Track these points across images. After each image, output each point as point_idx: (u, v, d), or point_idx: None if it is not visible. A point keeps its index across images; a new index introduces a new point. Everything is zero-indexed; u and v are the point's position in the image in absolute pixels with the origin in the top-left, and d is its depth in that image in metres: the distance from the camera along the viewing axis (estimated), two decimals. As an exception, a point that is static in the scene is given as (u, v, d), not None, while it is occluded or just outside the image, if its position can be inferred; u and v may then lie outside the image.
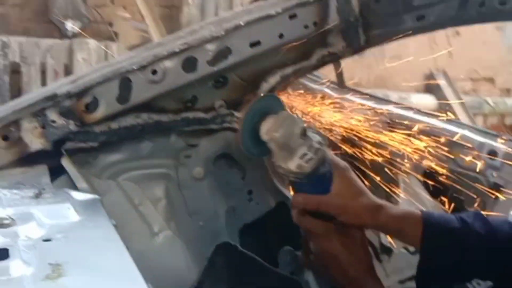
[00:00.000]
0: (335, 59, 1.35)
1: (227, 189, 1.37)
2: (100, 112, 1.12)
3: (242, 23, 1.18)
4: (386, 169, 1.91)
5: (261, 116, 1.09)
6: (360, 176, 1.23)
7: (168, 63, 1.15)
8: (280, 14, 1.20)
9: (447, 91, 5.41)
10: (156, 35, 3.98)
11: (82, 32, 4.01)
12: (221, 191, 1.35)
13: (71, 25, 3.98)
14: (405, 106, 2.37)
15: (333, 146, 1.91)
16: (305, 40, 1.25)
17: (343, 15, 1.25)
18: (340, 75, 2.54)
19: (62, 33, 4.02)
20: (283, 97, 1.34)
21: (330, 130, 2.00)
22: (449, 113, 1.90)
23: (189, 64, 1.16)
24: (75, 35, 4.00)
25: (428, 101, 5.30)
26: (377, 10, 1.28)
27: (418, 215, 1.10)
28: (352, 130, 1.98)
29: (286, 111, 1.08)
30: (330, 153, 1.14)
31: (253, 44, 1.20)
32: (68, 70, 3.74)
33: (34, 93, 1.14)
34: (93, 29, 4.25)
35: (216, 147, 1.32)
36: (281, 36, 1.21)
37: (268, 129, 1.06)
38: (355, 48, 1.33)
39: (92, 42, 3.85)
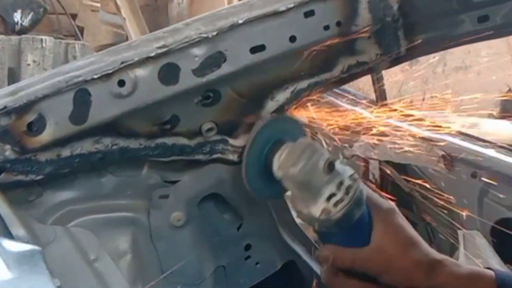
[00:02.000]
0: (366, 71, 1.37)
1: (217, 243, 1.39)
2: (47, 134, 1.15)
3: (240, 21, 1.20)
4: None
5: (273, 145, 1.12)
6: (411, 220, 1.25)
7: (140, 72, 1.18)
8: (292, 11, 1.22)
9: (532, 117, 5.40)
10: (134, 33, 4.03)
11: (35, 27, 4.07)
12: (208, 244, 1.38)
13: (20, 17, 4.06)
14: (473, 137, 2.39)
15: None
16: (326, 45, 1.28)
17: (376, 13, 1.28)
18: (380, 92, 2.58)
19: (8, 27, 4.10)
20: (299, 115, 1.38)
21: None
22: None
23: (169, 74, 1.19)
24: (25, 30, 4.07)
25: (506, 130, 5.28)
26: (423, 7, 1.31)
27: (491, 276, 1.11)
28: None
29: (306, 138, 1.11)
30: (368, 190, 1.15)
31: (255, 49, 1.22)
32: (13, 77, 3.80)
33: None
34: (50, 22, 4.33)
35: (203, 185, 1.35)
36: (292, 39, 1.24)
37: (282, 163, 1.09)
38: (394, 57, 1.36)
39: (47, 40, 3.91)
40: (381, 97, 2.47)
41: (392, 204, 1.18)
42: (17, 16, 4.07)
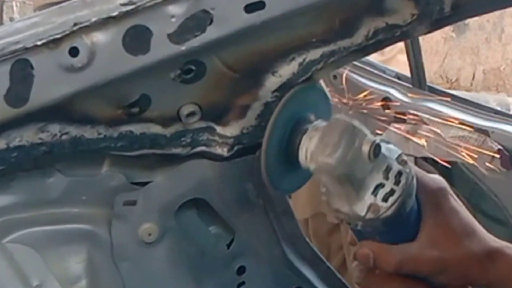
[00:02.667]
0: (398, 37, 1.38)
1: (200, 264, 1.40)
2: (-23, 118, 1.16)
3: (231, -30, 1.21)
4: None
5: (296, 125, 1.12)
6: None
7: (99, 37, 1.18)
8: (299, -45, 1.23)
9: None
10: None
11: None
12: (188, 266, 1.39)
13: None
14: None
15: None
16: (343, 1, 1.28)
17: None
18: (417, 67, 2.60)
19: None
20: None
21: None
22: None
23: (137, 40, 1.19)
24: None
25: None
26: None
27: None
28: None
29: (342, 116, 1.10)
30: (417, 169, 1.16)
31: (251, 7, 1.22)
32: None
33: None
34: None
35: (182, 188, 1.36)
36: (301, -6, 1.24)
37: (314, 151, 1.08)
38: (435, 19, 1.36)
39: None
40: (418, 74, 2.47)
41: (442, 180, 1.19)
42: None
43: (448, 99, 2.10)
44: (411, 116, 1.92)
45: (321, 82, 1.37)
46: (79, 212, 1.32)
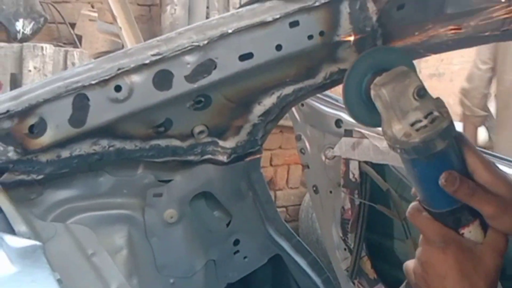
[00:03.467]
0: (347, 77, 1.37)
1: (207, 238, 1.39)
2: (48, 136, 1.15)
3: (230, 31, 1.20)
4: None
5: (373, 73, 1.02)
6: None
7: (136, 78, 1.18)
8: (278, 21, 1.22)
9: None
10: (130, 41, 4.02)
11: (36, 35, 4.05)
12: (199, 240, 1.38)
13: (22, 25, 4.03)
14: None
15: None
16: (310, 53, 1.27)
17: (357, 24, 1.28)
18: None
19: (10, 35, 4.07)
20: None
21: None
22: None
23: (163, 80, 1.19)
24: (26, 38, 4.04)
25: (481, 136, 5.30)
26: (400, 18, 1.31)
27: None
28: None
29: (404, 66, 1.02)
30: (470, 143, 1.02)
31: (244, 57, 1.22)
32: (15, 82, 3.78)
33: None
34: (50, 31, 4.31)
35: (195, 184, 1.35)
36: (278, 47, 1.23)
37: (375, 83, 1.00)
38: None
39: (47, 47, 3.89)
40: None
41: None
42: (18, 25, 4.05)
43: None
44: (357, 131, 1.90)
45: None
46: (121, 201, 1.31)
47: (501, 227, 0.95)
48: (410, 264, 1.00)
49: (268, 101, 1.32)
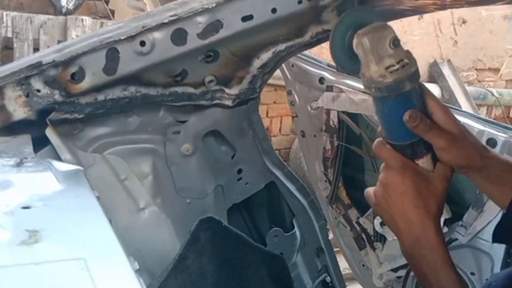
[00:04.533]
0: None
1: (216, 167, 1.38)
2: (86, 82, 1.12)
3: (234, -4, 1.17)
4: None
5: (354, 29, 0.99)
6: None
7: (157, 35, 1.14)
8: (274, -12, 1.19)
9: (451, 81, 5.40)
10: (153, 14, 3.95)
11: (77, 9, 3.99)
12: (209, 168, 1.36)
13: (66, 2, 3.96)
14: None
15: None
16: (299, 16, 1.24)
17: (338, -9, 1.24)
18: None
19: (57, 10, 4.00)
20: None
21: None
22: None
23: (179, 37, 1.16)
24: (70, 12, 3.97)
25: (431, 90, 5.29)
26: (374, -13, 1.27)
27: None
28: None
29: (381, 22, 0.98)
30: (430, 92, 1.00)
31: (245, 18, 1.19)
32: (62, 47, 3.73)
33: (19, 61, 1.13)
34: (89, 6, 4.23)
35: (206, 124, 1.33)
36: (274, 10, 1.20)
37: (358, 34, 0.97)
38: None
39: (87, 19, 3.83)
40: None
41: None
42: (63, 1, 3.98)
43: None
44: (336, 87, 1.88)
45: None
46: (147, 137, 1.29)
47: (449, 159, 0.95)
48: (370, 190, 0.99)
49: (265, 56, 1.29)
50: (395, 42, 0.94)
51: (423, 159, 0.96)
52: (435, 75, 5.49)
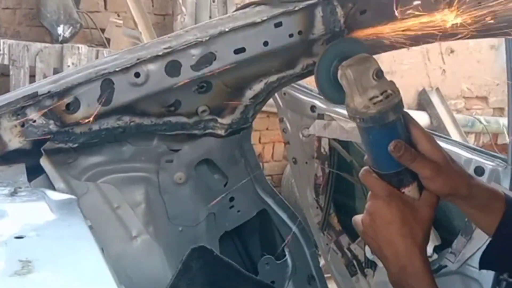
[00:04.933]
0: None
1: (208, 195, 1.37)
2: (81, 112, 1.13)
3: (226, 29, 1.19)
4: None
5: (339, 59, 0.99)
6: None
7: (151, 66, 1.16)
8: (265, 22, 1.21)
9: (440, 109, 5.45)
10: (148, 43, 3.99)
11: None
12: (202, 196, 1.36)
13: (62, 30, 3.99)
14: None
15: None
16: (290, 49, 1.26)
17: (328, 25, 1.26)
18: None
19: (53, 38, 4.03)
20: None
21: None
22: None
23: (173, 68, 1.18)
24: (66, 40, 4.00)
25: (420, 118, 5.34)
26: (362, 21, 1.30)
27: (501, 192, 1.00)
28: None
29: (365, 54, 0.99)
30: (413, 119, 1.00)
31: (238, 51, 1.21)
32: (57, 75, 3.74)
33: (15, 91, 1.14)
34: (85, 34, 4.26)
35: (198, 153, 1.33)
36: (265, 43, 1.22)
37: (342, 65, 0.97)
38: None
39: (83, 47, 3.86)
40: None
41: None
42: (60, 30, 4.01)
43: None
44: (327, 115, 1.90)
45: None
46: (140, 166, 1.29)
47: (434, 188, 0.95)
48: (358, 218, 0.98)
49: (257, 87, 1.31)
50: (379, 74, 0.95)
51: (409, 187, 0.96)
52: (424, 103, 5.54)
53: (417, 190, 0.96)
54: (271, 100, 1.69)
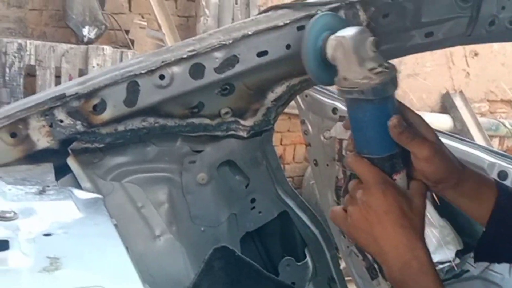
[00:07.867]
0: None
1: (230, 196, 1.39)
2: (107, 114, 1.15)
3: (250, 33, 1.20)
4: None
5: (329, 33, 0.95)
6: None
7: (176, 69, 1.18)
8: (288, 25, 1.22)
9: (464, 112, 5.38)
10: (171, 44, 4.03)
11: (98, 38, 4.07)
12: (224, 197, 1.38)
13: (87, 31, 4.05)
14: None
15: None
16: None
17: (350, 29, 1.27)
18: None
19: (78, 39, 4.09)
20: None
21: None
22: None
23: (197, 71, 1.19)
24: (91, 41, 4.06)
25: (444, 121, 5.28)
26: (385, 25, 1.30)
27: (491, 179, 0.96)
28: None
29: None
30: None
31: (261, 54, 1.22)
32: (82, 75, 3.80)
33: (43, 92, 1.17)
34: (109, 36, 4.32)
35: (221, 154, 1.34)
36: (288, 47, 1.23)
37: (336, 35, 0.92)
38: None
39: (107, 49, 3.91)
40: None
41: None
42: (85, 31, 4.06)
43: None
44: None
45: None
46: (164, 166, 1.31)
47: (429, 170, 0.88)
48: (338, 210, 0.91)
49: (279, 89, 1.31)
50: (376, 44, 0.90)
51: (400, 174, 0.90)
52: (447, 106, 5.48)
53: (405, 179, 0.91)
54: (292, 102, 1.70)
